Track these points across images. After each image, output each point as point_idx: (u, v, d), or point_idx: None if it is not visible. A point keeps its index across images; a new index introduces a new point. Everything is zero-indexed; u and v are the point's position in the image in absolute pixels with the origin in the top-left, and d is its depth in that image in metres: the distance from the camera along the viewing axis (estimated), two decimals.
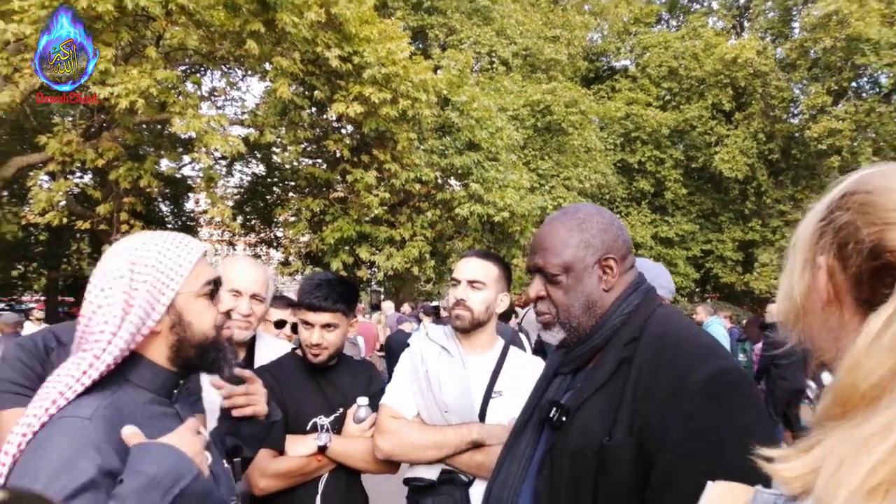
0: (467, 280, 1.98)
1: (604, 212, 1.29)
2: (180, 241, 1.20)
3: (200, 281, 1.20)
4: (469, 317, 1.95)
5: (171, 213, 18.23)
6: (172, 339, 1.17)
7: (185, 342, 1.18)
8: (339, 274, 7.82)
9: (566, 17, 20.18)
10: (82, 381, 1.07)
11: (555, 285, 1.25)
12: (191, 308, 1.18)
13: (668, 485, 0.99)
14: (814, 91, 18.45)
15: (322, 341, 1.96)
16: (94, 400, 1.06)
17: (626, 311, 1.21)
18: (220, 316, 1.24)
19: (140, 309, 1.12)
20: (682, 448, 0.99)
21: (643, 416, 1.05)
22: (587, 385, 1.19)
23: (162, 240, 1.19)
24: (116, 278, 1.12)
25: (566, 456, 1.13)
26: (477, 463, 1.81)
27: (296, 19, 8.24)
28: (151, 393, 1.17)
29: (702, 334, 1.20)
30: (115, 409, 1.07)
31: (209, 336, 1.20)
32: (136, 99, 7.17)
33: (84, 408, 1.04)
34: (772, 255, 19.46)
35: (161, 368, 1.18)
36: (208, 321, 1.21)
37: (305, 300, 1.98)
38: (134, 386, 1.15)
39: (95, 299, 1.13)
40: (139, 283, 1.13)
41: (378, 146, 10.49)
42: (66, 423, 1.02)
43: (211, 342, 1.21)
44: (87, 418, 1.02)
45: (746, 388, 1.04)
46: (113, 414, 1.06)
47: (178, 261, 1.17)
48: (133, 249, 1.16)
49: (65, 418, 1.03)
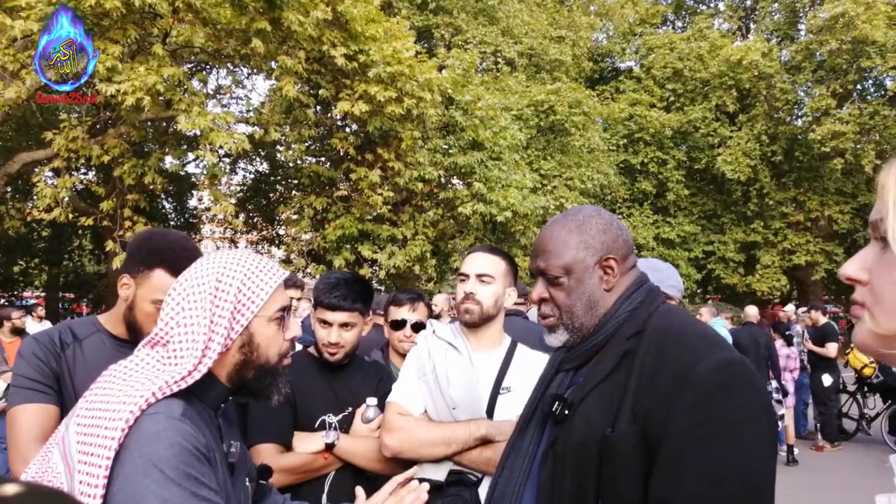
0: (476, 274, 1.99)
1: (603, 212, 1.31)
2: (265, 266, 1.24)
3: (276, 306, 1.23)
4: (479, 310, 1.97)
5: (174, 210, 18.26)
6: (238, 359, 1.20)
7: (248, 364, 1.21)
8: (355, 272, 7.84)
9: (572, 17, 20.17)
10: (172, 388, 1.10)
11: (557, 287, 1.26)
12: (262, 332, 1.21)
13: (675, 472, 1.00)
14: (818, 93, 18.41)
15: (340, 340, 1.98)
16: (177, 402, 1.10)
17: (629, 309, 1.23)
18: (286, 344, 1.27)
19: (223, 329, 1.16)
20: (690, 436, 1.00)
21: (647, 405, 1.06)
22: (590, 378, 1.20)
23: (248, 262, 1.22)
24: (202, 293, 1.17)
25: (569, 449, 1.14)
26: (486, 459, 1.80)
27: (302, 18, 8.26)
28: (205, 405, 1.20)
29: (705, 327, 1.21)
30: (193, 411, 1.12)
31: (272, 362, 1.24)
32: (143, 96, 7.19)
33: (174, 409, 1.08)
34: (773, 256, 19.43)
35: (219, 384, 1.21)
36: (275, 347, 1.24)
37: (324, 299, 1.98)
38: (194, 397, 1.17)
39: (178, 308, 1.17)
40: (222, 303, 1.17)
41: (382, 145, 10.50)
42: (168, 421, 1.05)
43: (271, 368, 1.24)
44: (179, 418, 1.06)
45: (752, 378, 1.06)
46: (193, 415, 1.11)
47: (260, 285, 1.20)
48: (222, 267, 1.19)
49: (159, 414, 1.06)
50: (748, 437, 1.00)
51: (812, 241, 19.41)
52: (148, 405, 1.06)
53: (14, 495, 0.63)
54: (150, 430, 1.03)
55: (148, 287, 1.61)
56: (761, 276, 19.30)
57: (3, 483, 0.64)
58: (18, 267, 19.55)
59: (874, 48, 16.98)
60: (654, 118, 19.24)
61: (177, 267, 1.63)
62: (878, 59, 17.03)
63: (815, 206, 19.27)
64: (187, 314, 1.16)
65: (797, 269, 19.78)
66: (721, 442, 0.99)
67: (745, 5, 23.53)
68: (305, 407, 1.96)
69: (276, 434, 1.88)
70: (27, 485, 0.65)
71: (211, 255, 1.25)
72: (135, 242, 1.71)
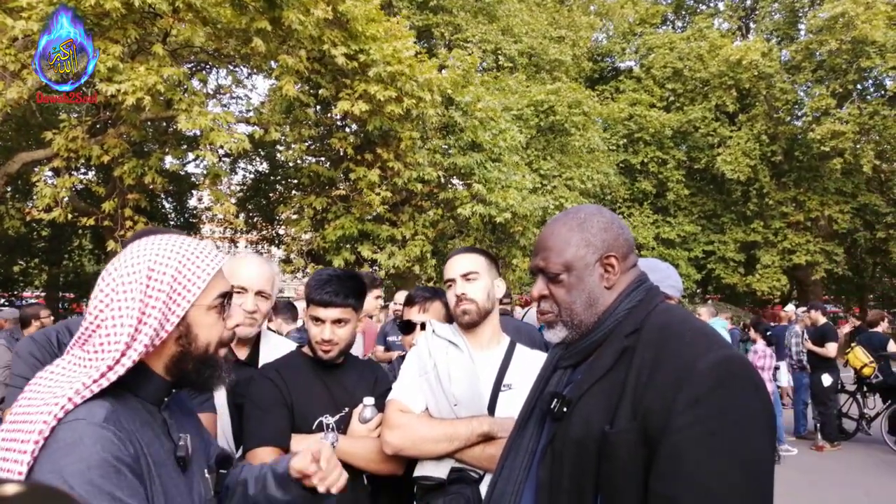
0: (461, 275, 2.01)
1: (604, 211, 1.31)
2: (201, 251, 1.16)
3: (214, 293, 1.16)
4: (475, 308, 1.97)
5: (174, 209, 18.26)
6: (175, 350, 1.14)
7: (186, 355, 1.14)
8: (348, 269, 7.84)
9: (571, 17, 20.15)
10: (91, 389, 1.04)
11: (557, 284, 1.27)
12: (201, 321, 1.15)
13: (675, 469, 1.00)
14: (818, 93, 18.41)
15: (333, 337, 1.96)
16: (101, 405, 1.03)
17: (628, 307, 1.23)
18: (227, 332, 1.21)
19: (154, 321, 1.08)
20: (690, 433, 1.00)
21: (647, 402, 1.06)
22: (588, 376, 1.20)
23: (183, 248, 1.15)
24: (132, 283, 1.09)
25: (568, 446, 1.15)
26: (489, 456, 1.79)
27: (302, 17, 8.26)
28: (144, 400, 1.14)
29: (704, 325, 1.22)
30: (119, 415, 1.05)
31: (211, 352, 1.17)
32: (143, 96, 7.19)
33: (96, 413, 1.01)
34: (773, 256, 19.43)
35: (157, 377, 1.14)
36: (215, 336, 1.17)
37: (315, 296, 1.96)
38: (130, 393, 1.11)
39: (107, 300, 1.09)
40: (155, 292, 1.09)
41: (382, 145, 10.50)
42: (87, 428, 0.99)
43: (211, 358, 1.17)
44: (101, 424, 1.00)
45: (751, 375, 1.06)
46: (118, 419, 1.04)
47: (197, 272, 1.13)
48: (154, 255, 1.12)
49: (79, 421, 0.99)
50: (748, 433, 1.01)
51: (812, 240, 19.41)
52: (65, 412, 0.99)
53: (14, 495, 0.62)
54: (65, 440, 0.97)
55: None
56: (761, 276, 19.30)
57: (3, 483, 0.64)
58: (18, 267, 19.54)
59: (874, 48, 16.98)
60: (653, 118, 19.23)
61: None
62: (877, 59, 17.03)
63: (815, 205, 19.27)
64: (115, 306, 1.07)
65: (797, 269, 19.78)
66: (722, 438, 0.99)
67: (745, 5, 23.52)
68: (302, 408, 1.94)
69: (273, 437, 1.86)
70: (27, 485, 0.65)
71: (143, 240, 1.16)
72: (131, 241, 1.71)
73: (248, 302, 2.12)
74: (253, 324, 2.16)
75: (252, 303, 2.13)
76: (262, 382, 1.98)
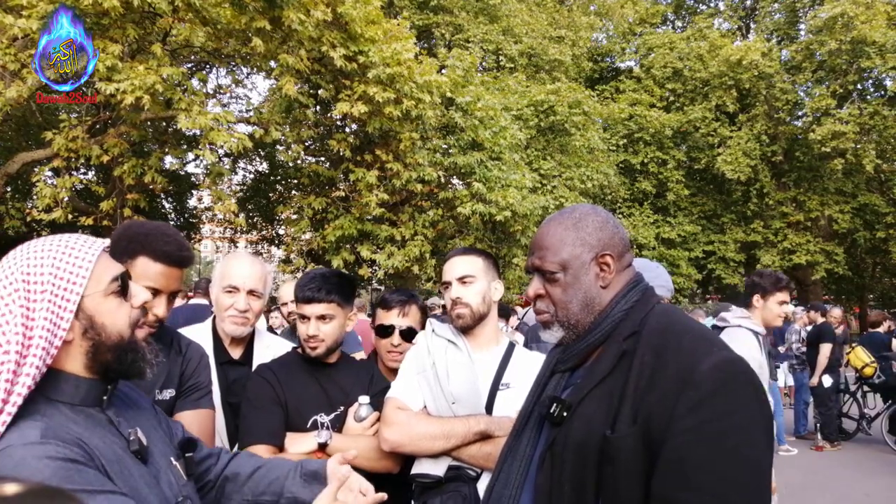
0: (457, 278, 2.01)
1: (600, 210, 1.31)
2: (75, 242, 1.11)
3: (106, 278, 1.11)
4: (469, 312, 1.97)
5: (173, 209, 18.26)
6: (87, 346, 1.09)
7: (100, 346, 1.10)
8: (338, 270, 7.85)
9: (571, 17, 20.15)
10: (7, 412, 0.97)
11: (553, 283, 1.27)
12: (101, 309, 1.10)
13: (679, 472, 1.00)
14: (818, 93, 18.41)
15: (318, 332, 1.97)
16: (31, 425, 0.98)
17: (625, 308, 1.23)
18: (135, 311, 1.16)
19: (45, 321, 1.02)
20: (693, 436, 1.00)
21: (648, 406, 1.06)
22: (587, 380, 1.20)
23: (54, 245, 1.09)
24: (10, 295, 1.02)
25: (568, 450, 1.14)
26: (485, 454, 1.81)
27: (302, 17, 8.26)
28: (80, 406, 1.09)
29: (702, 327, 1.22)
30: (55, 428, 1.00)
31: (125, 336, 1.12)
32: (143, 95, 7.20)
33: (28, 434, 0.96)
34: (773, 256, 19.44)
35: (80, 379, 1.09)
36: (122, 320, 1.13)
37: (299, 293, 2.00)
38: (55, 403, 1.06)
39: None
40: (37, 295, 1.03)
41: (381, 146, 10.51)
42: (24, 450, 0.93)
43: (127, 343, 1.13)
44: (38, 442, 0.95)
45: (752, 378, 1.07)
46: (55, 432, 0.99)
47: (76, 262, 1.08)
48: (25, 260, 1.06)
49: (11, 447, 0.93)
50: (750, 435, 1.01)
51: (812, 240, 19.43)
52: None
53: (14, 495, 0.62)
54: (5, 468, 0.91)
55: (133, 276, 1.62)
56: None
57: (3, 483, 0.64)
58: None
59: (874, 48, 16.99)
60: (653, 118, 19.24)
61: (158, 252, 1.64)
62: (877, 60, 17.04)
63: (815, 205, 19.28)
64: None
65: (797, 269, 19.79)
66: (724, 441, 0.99)
67: (745, 5, 23.53)
68: (296, 407, 1.95)
69: (268, 435, 1.87)
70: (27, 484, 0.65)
71: (12, 252, 1.09)
72: (116, 234, 1.72)
73: (240, 301, 2.14)
74: (245, 323, 2.17)
75: (244, 302, 2.14)
76: (257, 381, 2.00)
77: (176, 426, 1.38)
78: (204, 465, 1.38)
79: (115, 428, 1.12)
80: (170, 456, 1.23)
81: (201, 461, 1.37)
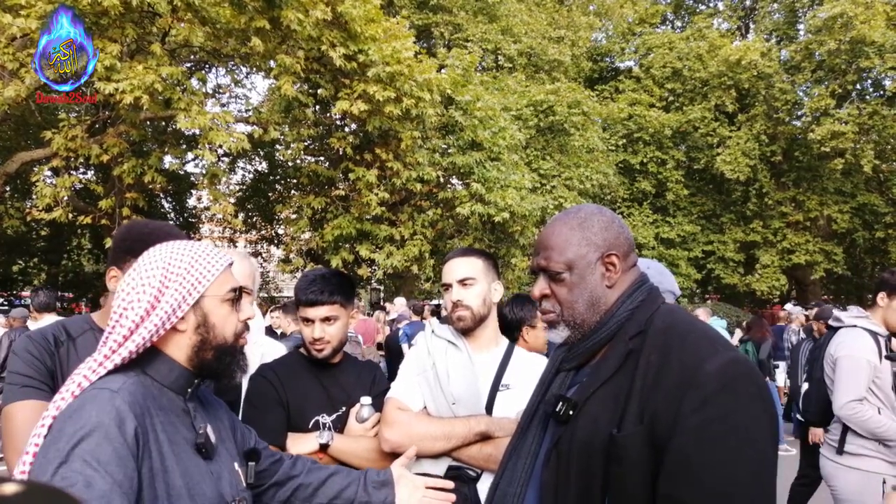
0: (457, 280, 2.00)
1: (605, 210, 1.32)
2: (211, 251, 1.29)
3: (226, 287, 1.28)
4: (469, 315, 1.97)
5: (173, 209, 18.25)
6: (195, 340, 1.24)
7: (206, 343, 1.25)
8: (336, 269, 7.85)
9: (571, 17, 20.15)
10: (105, 366, 1.16)
11: (558, 283, 1.27)
12: (216, 312, 1.26)
13: (684, 471, 1.01)
14: (817, 93, 18.42)
15: (323, 335, 1.97)
16: (118, 378, 1.15)
17: (631, 308, 1.23)
18: (240, 324, 1.31)
19: (167, 304, 1.20)
20: (698, 435, 1.01)
21: (653, 405, 1.07)
22: (593, 379, 1.21)
23: (194, 248, 1.28)
24: (150, 277, 1.21)
25: (574, 449, 1.15)
26: (486, 455, 1.81)
27: (301, 17, 8.25)
28: (165, 387, 1.23)
29: (707, 327, 1.22)
30: (138, 387, 1.15)
31: (229, 341, 1.28)
32: (142, 95, 7.19)
33: (111, 382, 1.13)
34: (773, 256, 19.45)
35: (177, 365, 1.24)
36: (230, 326, 1.28)
37: (302, 297, 1.99)
38: (150, 378, 1.21)
39: (126, 298, 1.20)
40: (170, 282, 1.21)
41: (381, 145, 10.50)
42: (95, 394, 1.10)
43: (229, 347, 1.28)
44: (115, 391, 1.11)
45: (756, 377, 1.08)
46: (136, 390, 1.14)
47: (207, 266, 1.26)
48: (168, 256, 1.24)
49: (94, 389, 1.12)
50: (755, 434, 1.02)
51: (811, 240, 19.43)
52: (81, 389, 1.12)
53: (14, 495, 0.62)
54: (73, 405, 1.10)
55: None
56: (761, 276, 19.32)
57: (3, 483, 0.64)
58: (18, 266, 19.52)
59: (873, 48, 17.00)
60: (653, 118, 19.22)
61: None
62: (876, 60, 17.04)
63: (815, 205, 19.29)
64: (133, 297, 1.20)
65: (796, 269, 19.80)
66: (729, 440, 1.00)
67: (744, 5, 23.54)
68: (298, 407, 1.95)
69: (269, 435, 1.84)
70: (27, 484, 0.65)
71: (159, 245, 1.28)
72: (118, 234, 1.73)
73: None
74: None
75: None
76: (259, 381, 2.00)
77: (249, 435, 1.51)
78: (268, 472, 1.50)
79: (190, 419, 1.25)
80: (234, 460, 1.36)
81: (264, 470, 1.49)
